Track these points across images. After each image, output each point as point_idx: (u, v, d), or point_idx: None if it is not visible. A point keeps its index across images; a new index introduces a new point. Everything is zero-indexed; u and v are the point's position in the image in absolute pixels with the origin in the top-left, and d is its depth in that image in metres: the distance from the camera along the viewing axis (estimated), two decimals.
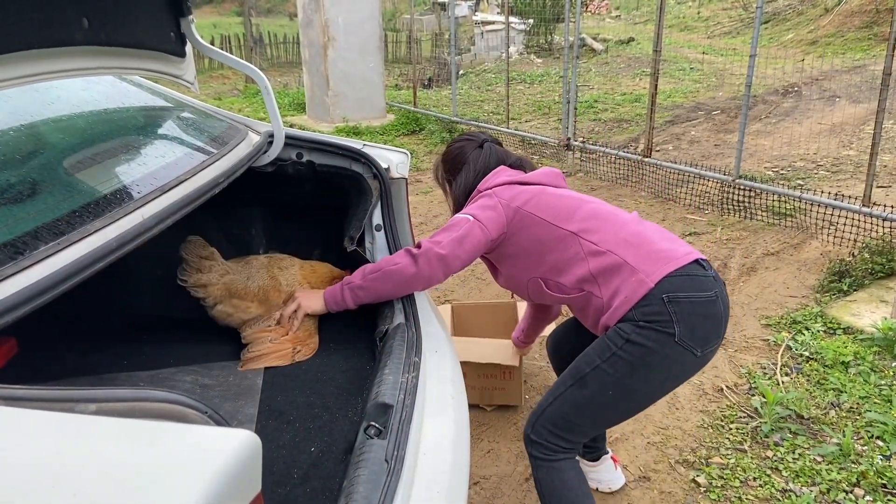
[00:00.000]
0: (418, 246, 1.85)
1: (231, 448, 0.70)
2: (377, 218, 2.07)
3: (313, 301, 1.93)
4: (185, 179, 1.45)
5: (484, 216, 1.87)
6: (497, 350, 2.80)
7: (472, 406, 2.02)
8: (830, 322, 3.38)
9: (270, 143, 2.03)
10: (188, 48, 1.84)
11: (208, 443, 0.71)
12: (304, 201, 2.36)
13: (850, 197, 4.33)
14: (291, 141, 2.06)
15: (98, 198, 1.23)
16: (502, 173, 2.02)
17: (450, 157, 2.17)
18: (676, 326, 1.65)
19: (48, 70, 1.32)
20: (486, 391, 2.82)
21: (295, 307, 1.94)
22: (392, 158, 2.09)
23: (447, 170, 2.18)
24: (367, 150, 2.06)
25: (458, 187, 2.11)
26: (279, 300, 2.02)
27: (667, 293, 1.66)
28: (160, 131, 1.86)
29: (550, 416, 1.81)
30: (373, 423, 1.42)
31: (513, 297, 3.28)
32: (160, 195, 1.33)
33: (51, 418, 0.72)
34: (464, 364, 2.38)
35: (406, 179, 2.11)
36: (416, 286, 1.87)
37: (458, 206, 2.10)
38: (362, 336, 2.09)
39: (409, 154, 2.15)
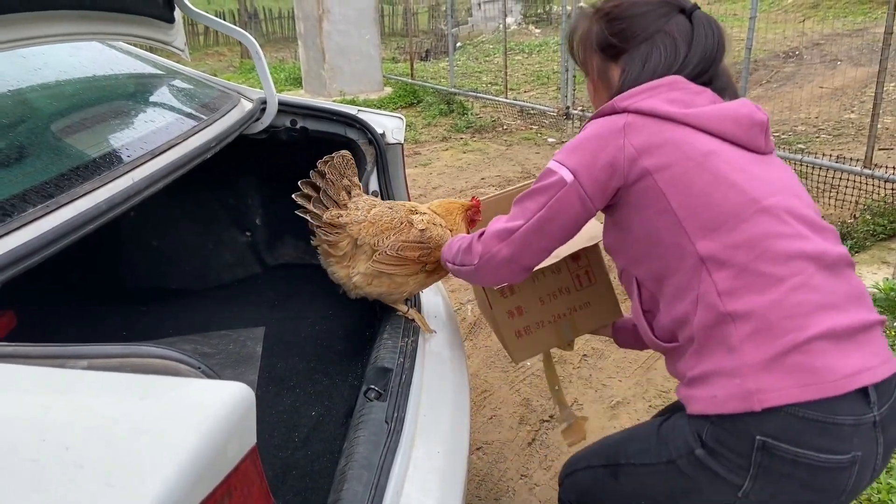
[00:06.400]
0: (481, 234, 1.37)
1: (223, 400, 0.69)
2: (373, 184, 2.05)
3: None
4: (176, 144, 1.44)
5: (588, 175, 1.18)
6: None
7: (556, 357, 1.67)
8: None
9: (263, 110, 2.00)
10: (177, 13, 1.81)
11: (201, 395, 0.70)
12: (299, 169, 2.34)
13: (851, 159, 4.29)
14: (285, 107, 2.04)
15: (87, 161, 1.21)
16: (671, 89, 1.19)
17: (620, 15, 1.25)
18: (749, 481, 1.07)
19: (33, 35, 1.29)
20: (564, 319, 1.69)
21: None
22: (387, 124, 2.07)
23: (602, 40, 1.27)
24: (361, 115, 2.04)
25: (626, 75, 1.24)
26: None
27: (767, 435, 1.04)
28: (150, 97, 1.83)
29: (577, 485, 1.40)
30: (372, 387, 1.42)
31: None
32: (150, 159, 1.32)
33: (40, 373, 0.71)
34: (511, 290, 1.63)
35: (402, 145, 2.09)
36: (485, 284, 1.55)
37: (599, 105, 1.30)
38: (360, 303, 2.09)
39: (403, 119, 2.12)
